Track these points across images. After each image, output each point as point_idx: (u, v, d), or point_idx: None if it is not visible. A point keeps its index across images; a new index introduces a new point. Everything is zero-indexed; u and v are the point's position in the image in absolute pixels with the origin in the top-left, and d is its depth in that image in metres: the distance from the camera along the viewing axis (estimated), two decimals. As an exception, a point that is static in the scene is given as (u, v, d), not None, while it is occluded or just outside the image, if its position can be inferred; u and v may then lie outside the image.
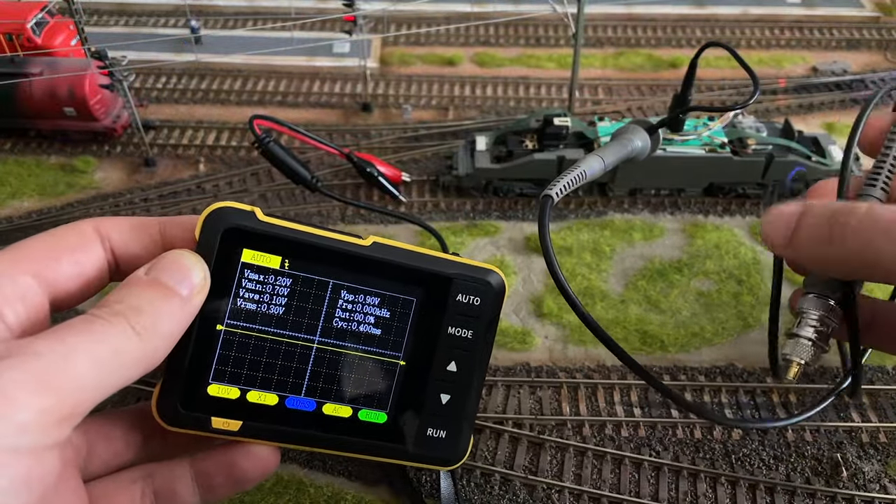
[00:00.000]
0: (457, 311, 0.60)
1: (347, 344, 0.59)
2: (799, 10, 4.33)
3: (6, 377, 0.37)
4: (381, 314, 0.59)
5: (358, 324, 0.59)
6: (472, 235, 2.82)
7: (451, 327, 0.60)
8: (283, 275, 0.58)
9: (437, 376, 0.60)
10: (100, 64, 2.89)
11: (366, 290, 0.59)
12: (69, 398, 0.39)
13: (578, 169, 0.65)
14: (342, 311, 0.59)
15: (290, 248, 0.58)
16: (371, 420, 0.60)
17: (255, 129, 1.80)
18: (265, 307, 0.57)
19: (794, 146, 2.83)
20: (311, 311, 0.58)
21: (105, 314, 0.44)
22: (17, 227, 2.94)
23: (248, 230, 0.57)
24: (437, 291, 0.60)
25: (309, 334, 0.58)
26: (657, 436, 2.18)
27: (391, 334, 0.60)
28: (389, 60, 3.98)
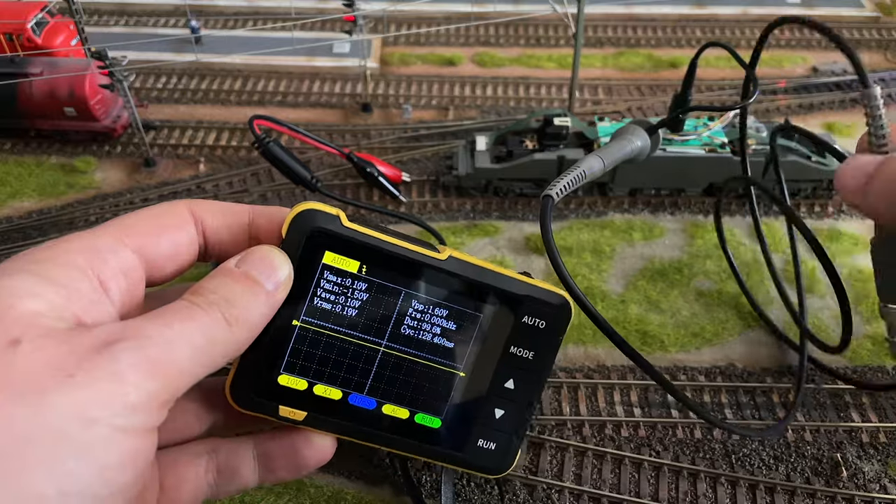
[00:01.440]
0: (521, 332, 0.61)
1: (412, 351, 0.61)
2: (799, 11, 4.33)
3: (122, 359, 0.39)
4: (448, 326, 0.61)
5: (424, 333, 0.61)
6: (472, 235, 2.82)
7: (513, 346, 0.61)
8: (359, 279, 0.60)
9: (493, 391, 0.62)
10: (100, 64, 2.89)
11: (436, 302, 0.61)
12: (172, 383, 0.42)
13: (578, 169, 0.66)
14: (411, 319, 0.61)
15: (369, 255, 0.60)
16: (426, 424, 0.63)
17: (254, 130, 1.80)
18: (340, 308, 0.60)
19: (794, 146, 2.83)
20: (381, 316, 0.61)
21: (202, 303, 0.46)
22: (16, 228, 2.94)
23: (331, 233, 0.59)
24: (505, 310, 0.62)
25: (377, 338, 0.61)
26: (657, 436, 2.18)
27: (455, 346, 0.62)
28: (389, 60, 3.98)
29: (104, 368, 0.38)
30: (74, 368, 0.37)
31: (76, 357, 0.38)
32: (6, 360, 0.36)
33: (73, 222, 2.97)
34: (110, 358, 0.39)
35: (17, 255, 0.44)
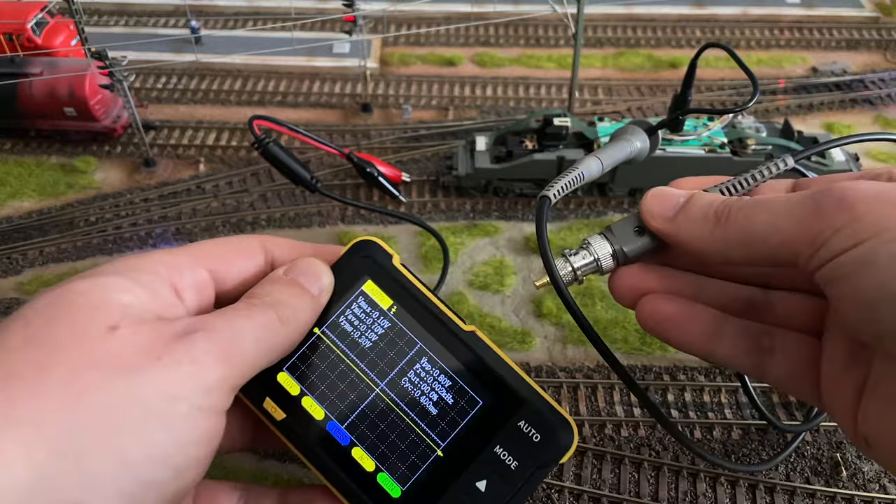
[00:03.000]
0: (512, 436, 0.59)
1: (403, 405, 0.60)
2: (798, 11, 4.34)
3: (198, 346, 0.45)
4: (445, 397, 0.60)
5: (421, 394, 0.61)
6: (472, 235, 2.83)
7: (499, 447, 0.59)
8: (386, 316, 0.61)
9: (463, 486, 0.59)
10: (100, 64, 2.90)
11: (443, 369, 0.61)
12: (238, 371, 0.48)
13: (576, 170, 0.66)
14: (415, 374, 0.60)
15: (404, 298, 0.62)
16: (385, 487, 0.60)
17: (254, 130, 1.80)
18: (358, 334, 0.61)
19: (794, 146, 2.84)
20: (390, 359, 0.61)
21: (259, 304, 0.53)
22: (16, 228, 2.95)
23: (380, 266, 0.62)
24: (505, 406, 0.60)
25: (378, 377, 0.60)
26: (657, 435, 2.19)
27: (444, 421, 0.60)
28: (389, 61, 3.99)
29: (185, 353, 0.44)
30: (161, 352, 0.43)
31: (162, 343, 0.44)
32: (106, 342, 0.42)
33: (73, 222, 2.97)
34: (189, 345, 0.45)
35: (111, 262, 0.50)
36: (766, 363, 0.55)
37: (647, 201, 0.60)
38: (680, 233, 0.56)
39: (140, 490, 0.40)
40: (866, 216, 0.39)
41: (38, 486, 0.36)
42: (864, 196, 0.40)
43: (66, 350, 0.41)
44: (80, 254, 2.83)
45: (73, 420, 0.38)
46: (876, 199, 0.40)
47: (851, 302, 0.40)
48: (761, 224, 0.48)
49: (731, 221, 0.51)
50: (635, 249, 0.62)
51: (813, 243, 0.42)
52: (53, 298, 0.45)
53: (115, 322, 0.44)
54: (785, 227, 0.45)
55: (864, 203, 0.40)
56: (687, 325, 0.58)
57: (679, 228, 0.56)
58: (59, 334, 0.42)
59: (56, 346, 0.41)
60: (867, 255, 0.38)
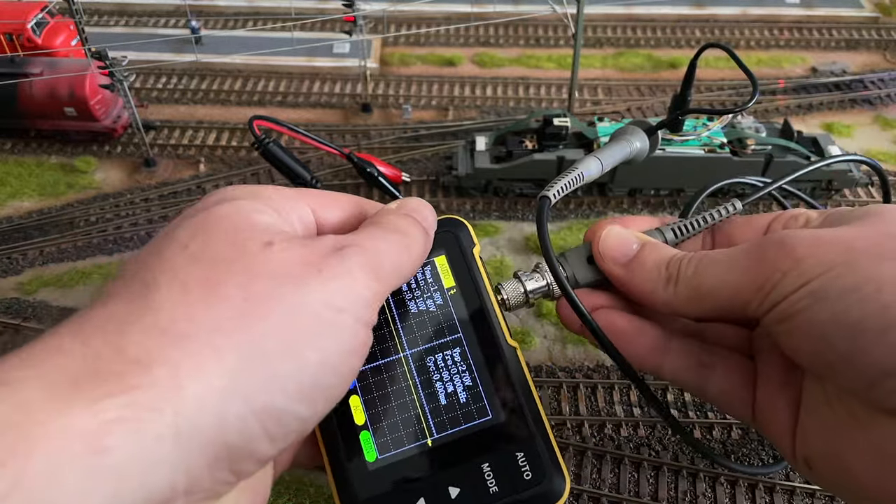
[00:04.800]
0: (503, 462, 0.56)
1: (417, 380, 0.59)
2: (798, 11, 4.34)
3: (352, 261, 0.46)
4: (460, 394, 0.58)
5: (438, 379, 0.59)
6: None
7: (486, 465, 0.56)
8: (442, 293, 0.60)
9: (434, 486, 0.56)
10: (100, 64, 2.90)
11: (470, 367, 0.59)
12: (385, 287, 0.49)
13: (576, 171, 0.66)
14: (442, 359, 0.59)
15: (467, 286, 0.61)
16: (364, 447, 0.57)
17: (254, 130, 1.80)
18: (409, 297, 0.60)
19: (794, 146, 2.84)
20: (426, 334, 0.59)
21: (390, 228, 0.54)
22: (17, 227, 2.95)
23: (459, 247, 0.62)
24: (510, 432, 0.57)
25: (408, 345, 0.59)
26: (657, 435, 2.19)
27: (448, 414, 0.58)
28: (389, 61, 3.99)
29: (341, 266, 0.46)
30: (320, 265, 0.45)
31: (318, 256, 0.46)
32: (265, 256, 0.44)
33: (73, 222, 2.97)
34: (342, 259, 0.46)
35: (228, 188, 0.51)
36: (706, 380, 0.57)
37: (603, 242, 0.60)
38: (633, 281, 0.57)
39: (315, 393, 0.43)
40: (808, 258, 0.43)
41: (231, 388, 0.38)
42: (801, 240, 0.44)
43: (232, 264, 0.43)
44: (80, 254, 2.83)
45: (254, 326, 0.41)
46: (813, 243, 0.44)
47: (804, 335, 0.43)
48: (710, 279, 0.50)
49: (680, 280, 0.52)
50: (587, 278, 0.62)
51: (762, 289, 0.45)
52: (201, 222, 0.47)
53: (269, 239, 0.46)
54: (732, 280, 0.48)
55: (803, 247, 0.44)
56: (638, 339, 0.59)
57: (632, 277, 0.57)
58: (222, 251, 0.44)
59: (221, 261, 0.43)
60: (818, 292, 0.42)
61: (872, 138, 3.39)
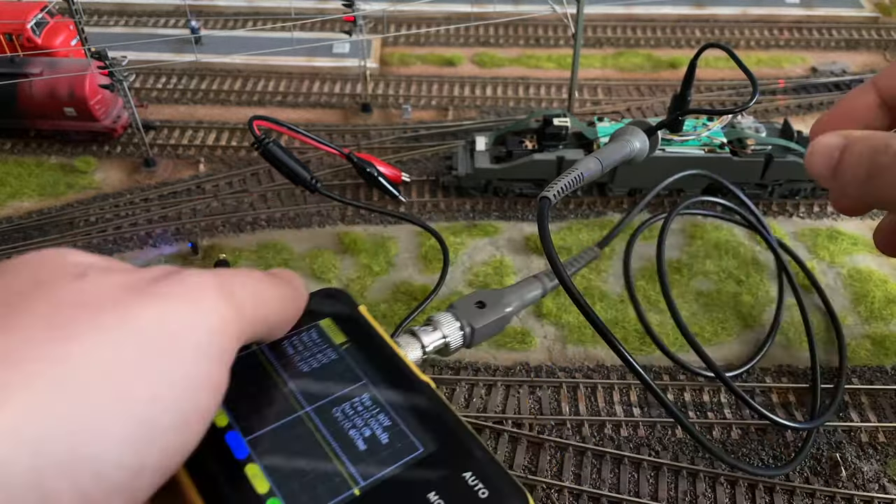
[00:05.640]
0: (453, 486, 0.52)
1: (326, 434, 0.54)
2: (798, 11, 4.34)
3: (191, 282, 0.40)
4: (379, 436, 0.54)
5: (352, 427, 0.55)
6: (472, 236, 2.83)
7: (435, 494, 0.51)
8: (335, 349, 0.58)
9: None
10: (100, 64, 2.89)
11: (385, 409, 0.55)
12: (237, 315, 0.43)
13: (576, 171, 0.65)
14: (350, 407, 0.55)
15: (360, 339, 0.59)
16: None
17: (254, 130, 1.80)
18: (297, 358, 0.58)
19: (793, 146, 2.84)
20: (326, 387, 0.57)
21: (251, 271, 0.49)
22: (17, 228, 2.95)
23: (343, 310, 0.60)
24: (449, 458, 0.53)
25: (305, 401, 0.55)
26: (656, 435, 2.19)
27: (371, 459, 0.53)
28: (389, 61, 3.99)
29: (176, 287, 0.40)
30: (147, 289, 0.39)
31: (145, 282, 0.40)
32: (76, 286, 0.38)
33: (73, 222, 2.97)
34: (178, 280, 0.41)
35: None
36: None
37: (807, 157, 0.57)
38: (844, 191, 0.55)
39: (148, 436, 0.36)
40: None
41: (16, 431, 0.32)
42: None
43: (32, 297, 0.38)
44: (80, 254, 2.83)
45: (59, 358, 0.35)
46: None
47: None
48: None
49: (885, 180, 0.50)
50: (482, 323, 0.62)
51: None
52: (6, 264, 0.42)
53: (82, 272, 0.40)
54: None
55: None
56: None
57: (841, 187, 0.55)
58: (22, 286, 0.38)
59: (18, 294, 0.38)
60: None
61: (872, 138, 3.40)
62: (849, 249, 2.73)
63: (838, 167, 0.54)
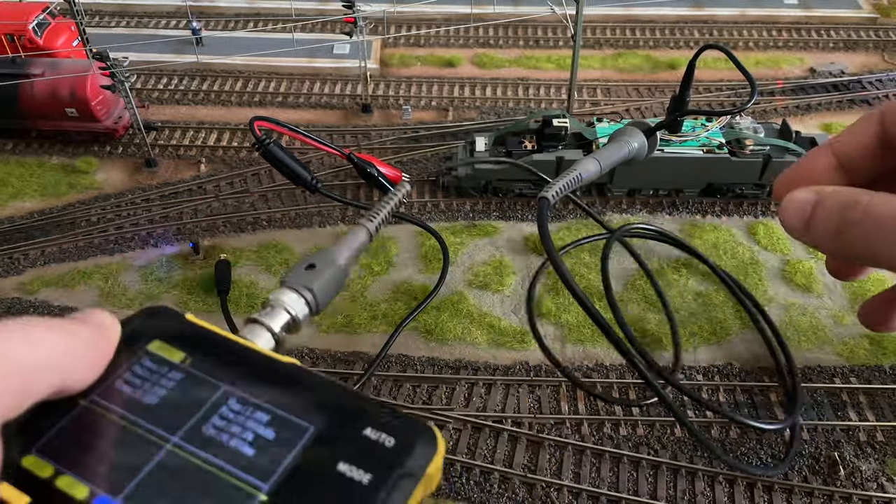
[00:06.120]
0: (358, 446, 0.50)
1: (206, 455, 0.51)
2: (796, 12, 4.35)
3: None
4: (264, 434, 0.51)
5: (231, 437, 0.51)
6: (472, 236, 2.84)
7: (343, 462, 0.50)
8: (177, 369, 0.54)
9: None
10: (101, 65, 2.91)
11: (257, 405, 0.52)
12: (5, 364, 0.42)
13: (574, 172, 0.66)
14: (221, 418, 0.52)
15: (198, 348, 0.55)
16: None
17: (255, 131, 1.81)
18: (140, 394, 0.53)
19: (792, 147, 2.85)
20: (185, 408, 0.52)
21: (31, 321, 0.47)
22: (18, 228, 2.96)
23: (168, 324, 0.56)
24: (342, 421, 0.52)
25: (167, 432, 0.51)
26: (655, 434, 2.20)
27: (265, 459, 0.51)
28: (389, 62, 4.00)
29: None
30: None
31: None
32: None
33: (74, 222, 2.98)
34: None
35: None
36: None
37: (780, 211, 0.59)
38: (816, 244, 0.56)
39: None
40: None
41: None
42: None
43: None
44: (81, 254, 2.84)
45: None
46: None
47: None
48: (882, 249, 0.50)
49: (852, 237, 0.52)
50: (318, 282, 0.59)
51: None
52: None
53: None
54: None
55: None
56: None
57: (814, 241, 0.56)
58: None
59: None
60: None
61: (870, 139, 3.41)
62: (847, 249, 2.74)
63: (811, 221, 0.56)
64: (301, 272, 0.61)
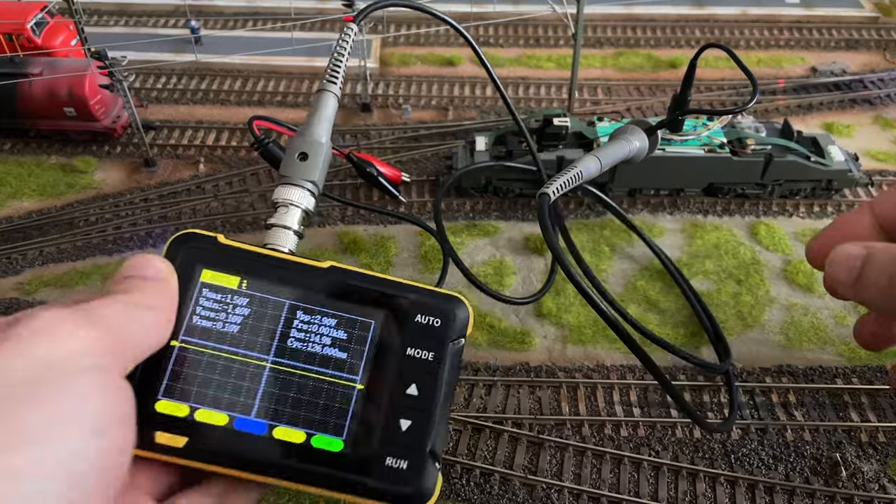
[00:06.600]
0: (416, 333, 0.60)
1: (302, 365, 0.59)
2: (798, 11, 4.34)
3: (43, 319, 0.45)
4: (338, 335, 0.60)
5: (313, 344, 0.60)
6: (472, 235, 2.83)
7: (410, 349, 0.60)
8: (239, 294, 0.60)
9: (396, 400, 0.59)
10: (100, 64, 2.89)
11: (322, 311, 0.60)
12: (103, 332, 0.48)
13: (575, 169, 0.65)
14: (297, 331, 0.60)
15: (248, 269, 0.60)
16: (325, 447, 0.58)
17: (254, 130, 1.80)
18: (220, 325, 0.59)
19: (793, 146, 2.84)
20: (266, 330, 0.60)
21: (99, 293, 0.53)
22: (16, 228, 2.95)
23: (207, 251, 0.60)
24: (396, 314, 0.61)
25: (263, 353, 0.59)
26: (656, 435, 2.19)
27: (348, 356, 0.60)
28: (389, 61, 3.99)
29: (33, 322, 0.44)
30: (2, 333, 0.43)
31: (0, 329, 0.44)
32: None
33: (73, 222, 2.97)
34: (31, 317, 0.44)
35: None
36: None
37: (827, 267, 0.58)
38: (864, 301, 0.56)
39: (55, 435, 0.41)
40: None
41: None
42: None
43: None
44: (79, 254, 2.83)
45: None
46: None
47: None
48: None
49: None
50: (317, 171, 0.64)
51: None
52: None
53: None
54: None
55: None
56: None
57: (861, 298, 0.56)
58: None
59: None
60: None
61: (872, 138, 3.39)
62: (849, 249, 2.73)
63: (860, 276, 0.55)
64: (296, 164, 0.68)
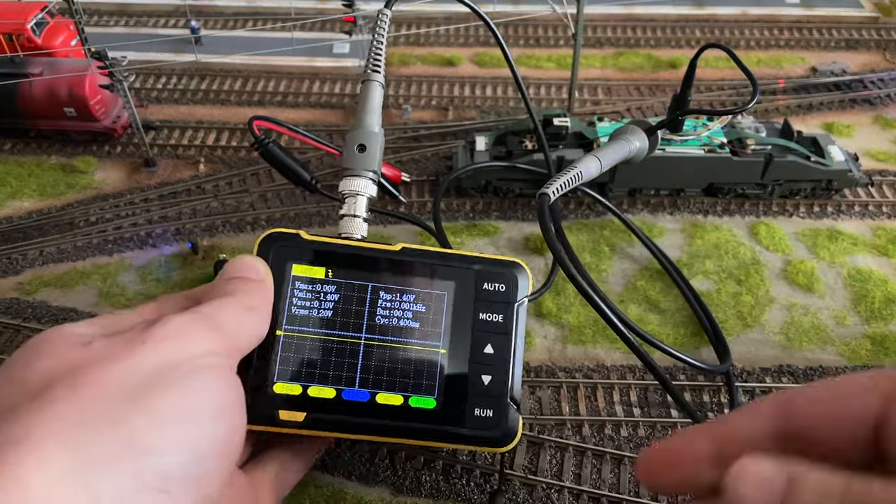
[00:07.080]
0: (485, 299, 0.68)
1: (391, 338, 0.68)
2: (798, 11, 4.34)
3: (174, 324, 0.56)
4: (418, 309, 0.69)
5: (398, 319, 0.68)
6: (472, 236, 2.83)
7: (482, 313, 0.68)
8: (328, 283, 0.70)
9: (476, 359, 0.68)
10: (100, 64, 2.90)
11: (401, 289, 0.69)
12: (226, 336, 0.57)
13: (575, 169, 0.66)
14: (382, 309, 0.69)
15: (331, 260, 0.71)
16: (422, 406, 0.68)
17: (254, 131, 1.80)
18: (316, 311, 0.69)
19: (793, 146, 2.84)
20: (355, 311, 0.68)
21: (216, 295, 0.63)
22: (16, 228, 2.95)
23: (294, 247, 0.70)
24: (465, 283, 0.69)
25: (356, 332, 0.68)
26: (657, 435, 2.19)
27: (429, 326, 0.69)
28: (389, 61, 3.98)
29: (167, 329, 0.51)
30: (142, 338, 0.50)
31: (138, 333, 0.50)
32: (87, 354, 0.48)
33: (73, 222, 2.97)
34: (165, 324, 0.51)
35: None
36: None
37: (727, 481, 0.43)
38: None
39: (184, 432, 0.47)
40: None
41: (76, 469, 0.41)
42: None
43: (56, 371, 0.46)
44: (79, 254, 2.83)
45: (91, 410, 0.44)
46: None
47: None
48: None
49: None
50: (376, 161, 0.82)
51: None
52: (23, 348, 0.51)
53: (87, 340, 0.50)
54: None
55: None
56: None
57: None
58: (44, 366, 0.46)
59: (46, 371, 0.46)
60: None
61: (872, 138, 3.39)
62: (849, 249, 2.73)
63: None
64: (356, 155, 0.87)
